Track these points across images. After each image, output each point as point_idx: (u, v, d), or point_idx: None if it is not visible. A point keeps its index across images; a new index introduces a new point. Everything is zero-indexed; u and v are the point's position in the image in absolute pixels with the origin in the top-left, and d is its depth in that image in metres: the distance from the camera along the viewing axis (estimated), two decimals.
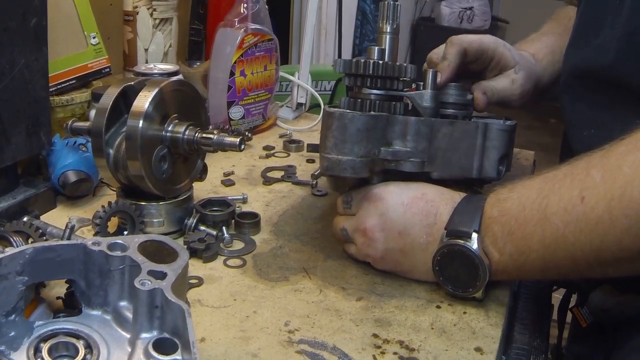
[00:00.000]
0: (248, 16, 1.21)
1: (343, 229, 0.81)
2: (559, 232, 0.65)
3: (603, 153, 0.65)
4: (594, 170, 0.64)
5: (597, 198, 0.62)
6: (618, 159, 0.62)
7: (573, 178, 0.65)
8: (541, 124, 4.53)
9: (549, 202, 0.66)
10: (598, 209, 0.62)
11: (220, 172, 1.09)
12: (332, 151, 0.76)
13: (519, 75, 0.98)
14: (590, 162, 0.65)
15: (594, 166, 0.64)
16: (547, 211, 0.66)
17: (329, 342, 0.66)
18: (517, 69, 0.98)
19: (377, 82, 0.80)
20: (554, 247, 0.66)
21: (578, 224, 0.63)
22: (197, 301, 0.72)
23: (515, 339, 0.73)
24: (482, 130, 0.82)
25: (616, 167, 0.62)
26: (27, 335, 0.54)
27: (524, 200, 0.69)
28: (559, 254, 0.66)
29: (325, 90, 1.63)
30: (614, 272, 0.66)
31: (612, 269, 0.65)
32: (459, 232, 0.72)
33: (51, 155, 0.93)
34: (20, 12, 0.81)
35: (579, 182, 0.64)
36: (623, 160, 0.62)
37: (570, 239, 0.64)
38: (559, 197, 0.65)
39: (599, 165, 0.64)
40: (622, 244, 0.61)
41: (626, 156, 0.62)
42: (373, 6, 3.38)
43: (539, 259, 0.68)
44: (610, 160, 0.63)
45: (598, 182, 0.62)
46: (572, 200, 0.64)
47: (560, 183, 0.66)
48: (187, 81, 0.89)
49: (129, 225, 0.82)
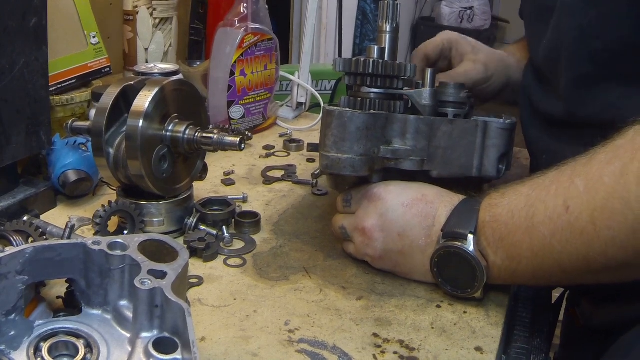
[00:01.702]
0: (248, 16, 1.21)
1: (342, 227, 0.81)
2: (546, 241, 0.65)
3: (586, 161, 0.64)
4: (577, 179, 0.64)
5: (581, 208, 0.62)
6: (600, 168, 0.62)
7: (558, 186, 0.65)
8: None
9: (536, 210, 0.66)
10: (582, 220, 0.62)
11: (221, 172, 1.09)
12: (332, 149, 0.76)
13: (479, 57, 1.03)
14: (575, 170, 0.65)
15: (578, 175, 0.64)
16: (534, 220, 0.66)
17: (329, 342, 0.66)
18: (476, 51, 1.04)
19: (376, 80, 0.80)
20: (542, 255, 0.66)
21: (564, 233, 0.63)
22: (197, 300, 0.72)
23: (516, 339, 0.73)
24: (482, 129, 0.82)
25: (598, 177, 0.62)
26: (27, 334, 0.54)
27: (512, 207, 0.69)
28: (548, 262, 0.66)
29: (325, 89, 1.63)
30: (606, 280, 0.66)
31: (603, 276, 0.65)
32: (455, 234, 0.72)
33: (51, 154, 0.93)
34: (20, 12, 0.81)
35: (564, 191, 0.64)
36: (604, 170, 0.62)
37: (558, 248, 0.64)
38: (545, 205, 0.65)
39: (582, 174, 0.64)
40: (607, 254, 0.61)
41: (607, 166, 0.62)
42: (373, 6, 3.38)
43: (530, 266, 0.68)
44: (592, 169, 0.63)
45: (582, 192, 0.62)
46: (557, 209, 0.64)
47: (547, 191, 0.66)
48: (187, 81, 0.89)
49: (129, 224, 0.82)
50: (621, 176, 0.60)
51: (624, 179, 0.59)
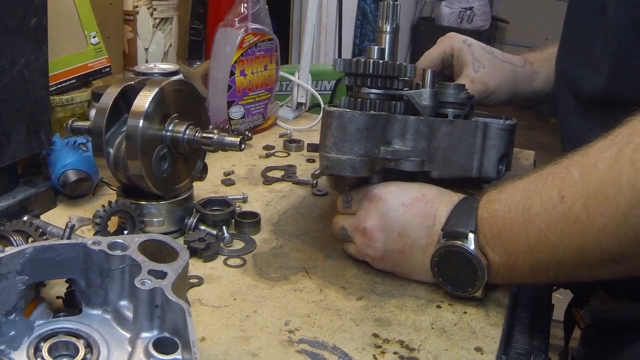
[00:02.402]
0: (248, 16, 1.21)
1: (343, 228, 0.81)
2: (542, 233, 0.64)
3: (584, 151, 0.64)
4: (573, 168, 0.63)
5: (575, 197, 0.61)
6: (595, 155, 0.61)
7: (554, 177, 0.65)
8: (542, 124, 4.53)
9: (532, 203, 0.65)
10: (576, 208, 0.61)
11: (221, 172, 1.09)
12: (332, 150, 0.76)
13: (479, 74, 0.99)
14: (572, 160, 0.64)
15: (575, 164, 0.63)
16: (530, 212, 0.65)
17: (329, 342, 0.66)
18: (477, 66, 0.99)
19: (376, 81, 0.80)
20: (538, 249, 0.65)
21: (558, 224, 0.63)
22: (197, 300, 0.72)
23: (516, 339, 0.73)
24: (482, 130, 0.82)
25: (593, 164, 0.61)
26: (27, 334, 0.54)
27: (509, 202, 0.68)
28: (544, 256, 0.65)
29: (325, 90, 1.63)
30: (602, 275, 0.65)
31: (598, 271, 0.64)
32: (455, 232, 0.72)
33: (51, 154, 0.93)
34: (20, 11, 0.81)
35: (559, 181, 0.64)
36: (599, 156, 0.61)
37: (552, 239, 0.63)
38: (540, 197, 0.65)
39: (578, 163, 0.63)
40: (601, 244, 0.60)
41: (603, 153, 0.61)
42: (373, 6, 3.38)
43: (527, 261, 0.67)
44: (589, 157, 0.62)
45: (577, 180, 0.62)
46: (553, 200, 0.63)
47: (543, 183, 0.66)
48: (187, 81, 0.89)
49: (129, 224, 0.82)
50: (615, 161, 0.59)
51: (617, 163, 0.58)
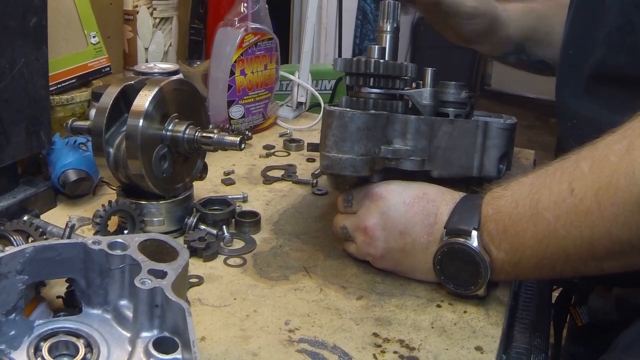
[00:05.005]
0: (248, 15, 1.21)
1: (343, 227, 0.81)
2: (551, 226, 0.64)
3: (593, 145, 0.64)
4: (582, 162, 0.63)
5: (585, 189, 0.62)
6: (606, 148, 0.62)
7: (563, 171, 0.65)
8: (542, 123, 4.53)
9: (540, 196, 0.66)
10: (586, 200, 0.61)
11: (221, 171, 1.09)
12: (332, 150, 0.76)
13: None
14: (580, 155, 0.65)
15: (584, 158, 0.64)
16: (539, 206, 0.65)
17: (329, 341, 0.66)
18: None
19: (377, 81, 0.80)
20: (546, 242, 0.65)
21: (568, 216, 0.63)
22: (198, 300, 0.72)
23: (516, 338, 0.73)
24: (483, 129, 0.82)
25: (604, 157, 0.61)
26: (27, 334, 0.54)
27: (516, 197, 0.69)
28: (552, 249, 0.65)
29: (325, 89, 1.63)
30: (609, 267, 0.65)
31: (606, 263, 0.64)
32: (458, 230, 0.71)
33: (51, 154, 0.93)
34: (20, 11, 0.81)
35: (569, 175, 0.64)
36: (610, 149, 0.61)
37: (562, 232, 0.63)
38: (549, 191, 0.65)
39: (588, 157, 0.63)
40: (612, 234, 0.60)
41: (613, 145, 0.61)
42: (373, 6, 3.38)
43: (533, 256, 0.67)
44: (598, 150, 0.63)
45: (586, 173, 0.62)
46: (562, 193, 0.64)
47: (551, 177, 0.66)
48: (187, 80, 0.89)
49: (129, 224, 0.82)
50: (627, 152, 0.59)
51: (629, 154, 0.59)
